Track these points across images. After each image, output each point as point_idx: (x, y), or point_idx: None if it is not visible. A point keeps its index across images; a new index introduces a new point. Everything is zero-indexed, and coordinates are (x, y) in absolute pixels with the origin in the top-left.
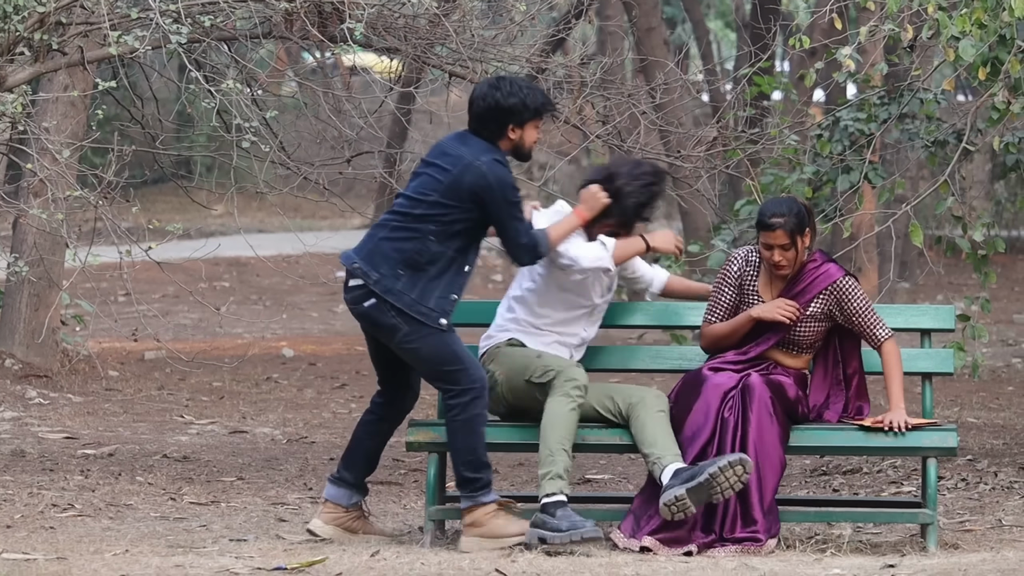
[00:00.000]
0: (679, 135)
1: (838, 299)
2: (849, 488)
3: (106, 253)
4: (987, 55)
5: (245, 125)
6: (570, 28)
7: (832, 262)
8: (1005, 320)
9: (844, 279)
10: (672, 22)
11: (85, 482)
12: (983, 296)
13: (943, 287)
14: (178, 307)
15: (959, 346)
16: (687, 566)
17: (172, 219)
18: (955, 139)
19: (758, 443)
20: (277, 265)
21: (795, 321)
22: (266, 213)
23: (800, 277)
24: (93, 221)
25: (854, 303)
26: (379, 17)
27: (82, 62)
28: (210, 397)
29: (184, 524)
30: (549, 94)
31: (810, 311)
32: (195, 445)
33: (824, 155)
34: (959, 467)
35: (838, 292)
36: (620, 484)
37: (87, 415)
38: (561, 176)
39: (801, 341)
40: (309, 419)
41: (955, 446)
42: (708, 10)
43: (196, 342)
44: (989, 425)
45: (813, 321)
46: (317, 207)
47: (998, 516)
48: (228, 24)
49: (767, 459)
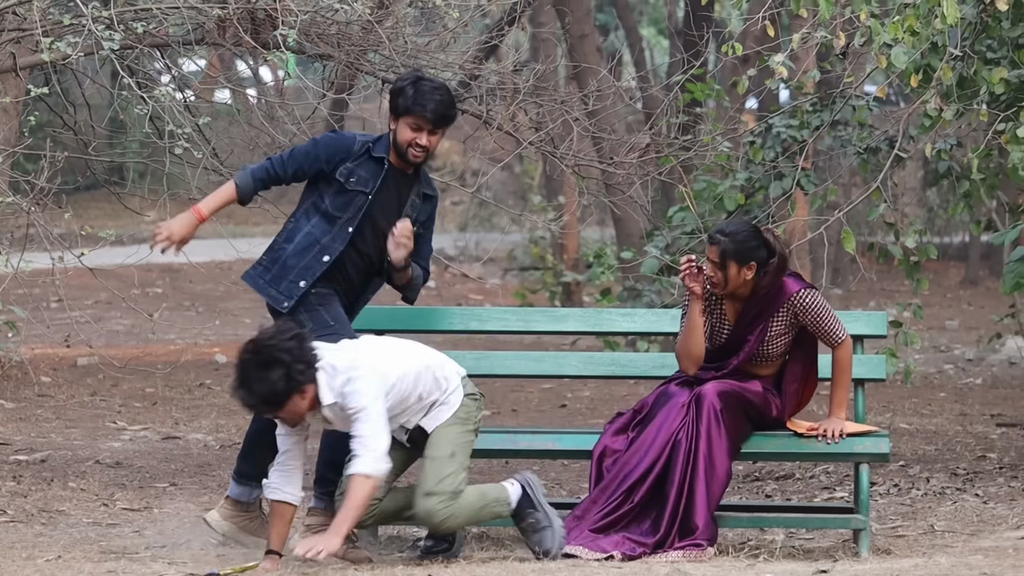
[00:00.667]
0: (612, 142)
1: (795, 312)
2: (782, 494)
3: (38, 259)
4: (919, 62)
5: (178, 131)
6: (503, 35)
7: (791, 276)
8: (937, 327)
9: (800, 293)
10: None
11: (17, 488)
12: (915, 302)
13: (875, 293)
14: (111, 313)
15: (891, 352)
16: (620, 571)
17: (105, 225)
18: (887, 146)
19: (706, 454)
20: (210, 271)
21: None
22: None
23: (757, 296)
24: (25, 227)
25: (810, 313)
26: (312, 24)
27: (14, 68)
28: (143, 403)
29: (117, 530)
30: (483, 101)
31: (773, 330)
32: (128, 451)
33: (757, 162)
34: (891, 473)
35: (794, 305)
36: (553, 490)
37: (19, 421)
38: (494, 183)
39: (769, 355)
40: (242, 425)
41: (887, 452)
42: (641, 17)
43: (129, 348)
44: (921, 431)
45: (777, 337)
46: (250, 213)
47: (930, 521)
48: (161, 31)
49: (713, 470)
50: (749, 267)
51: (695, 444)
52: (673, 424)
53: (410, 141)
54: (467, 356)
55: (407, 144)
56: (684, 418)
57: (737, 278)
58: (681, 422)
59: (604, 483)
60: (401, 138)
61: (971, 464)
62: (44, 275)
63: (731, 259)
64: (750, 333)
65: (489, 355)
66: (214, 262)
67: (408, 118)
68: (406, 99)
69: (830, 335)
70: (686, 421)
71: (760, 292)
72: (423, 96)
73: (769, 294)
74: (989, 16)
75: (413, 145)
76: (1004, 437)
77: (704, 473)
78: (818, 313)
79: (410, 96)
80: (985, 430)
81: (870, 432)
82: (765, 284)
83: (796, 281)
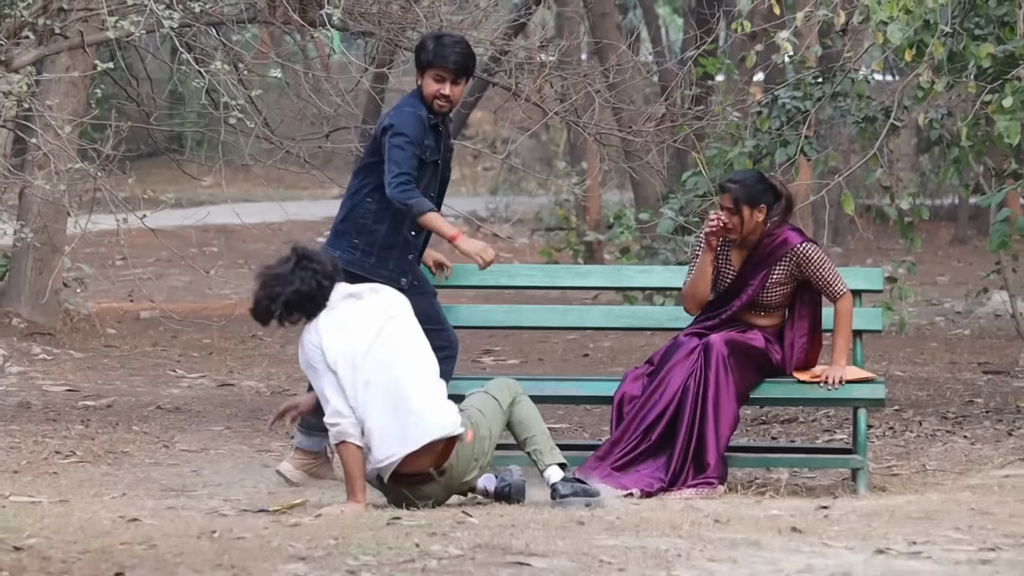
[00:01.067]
0: (631, 112)
1: (797, 263)
2: (786, 436)
3: (104, 221)
4: (913, 38)
5: (232, 103)
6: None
7: (794, 230)
8: (929, 282)
9: (802, 245)
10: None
11: (85, 431)
12: (909, 260)
13: (872, 252)
14: (171, 271)
15: (887, 306)
16: (637, 508)
17: (165, 190)
18: (883, 116)
19: (714, 398)
20: (262, 232)
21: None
22: (252, 184)
23: (762, 244)
24: (93, 191)
25: (812, 265)
26: (355, 3)
27: (82, 45)
28: (200, 353)
29: (176, 470)
30: (512, 75)
31: (774, 277)
32: (186, 397)
33: (764, 130)
34: (887, 417)
35: (797, 257)
36: (576, 432)
37: (87, 370)
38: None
39: (769, 304)
40: (291, 373)
41: (883, 398)
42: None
43: (187, 303)
44: (914, 378)
45: (777, 285)
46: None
47: (922, 461)
48: (216, 10)
49: (722, 413)
50: (760, 209)
51: (703, 389)
52: (684, 370)
53: (435, 93)
54: (497, 309)
55: (432, 96)
56: (693, 365)
57: (750, 220)
58: (690, 369)
59: (623, 425)
60: (427, 91)
61: (960, 408)
62: (110, 235)
63: (744, 203)
64: (753, 278)
65: (518, 308)
66: (265, 223)
67: (432, 71)
68: (427, 53)
69: (831, 287)
70: (695, 368)
71: (768, 239)
72: (444, 49)
73: (774, 244)
74: None
75: (439, 96)
76: (990, 384)
77: (712, 416)
78: (819, 266)
79: (431, 50)
80: (973, 377)
81: (868, 379)
82: (775, 225)
83: (799, 235)
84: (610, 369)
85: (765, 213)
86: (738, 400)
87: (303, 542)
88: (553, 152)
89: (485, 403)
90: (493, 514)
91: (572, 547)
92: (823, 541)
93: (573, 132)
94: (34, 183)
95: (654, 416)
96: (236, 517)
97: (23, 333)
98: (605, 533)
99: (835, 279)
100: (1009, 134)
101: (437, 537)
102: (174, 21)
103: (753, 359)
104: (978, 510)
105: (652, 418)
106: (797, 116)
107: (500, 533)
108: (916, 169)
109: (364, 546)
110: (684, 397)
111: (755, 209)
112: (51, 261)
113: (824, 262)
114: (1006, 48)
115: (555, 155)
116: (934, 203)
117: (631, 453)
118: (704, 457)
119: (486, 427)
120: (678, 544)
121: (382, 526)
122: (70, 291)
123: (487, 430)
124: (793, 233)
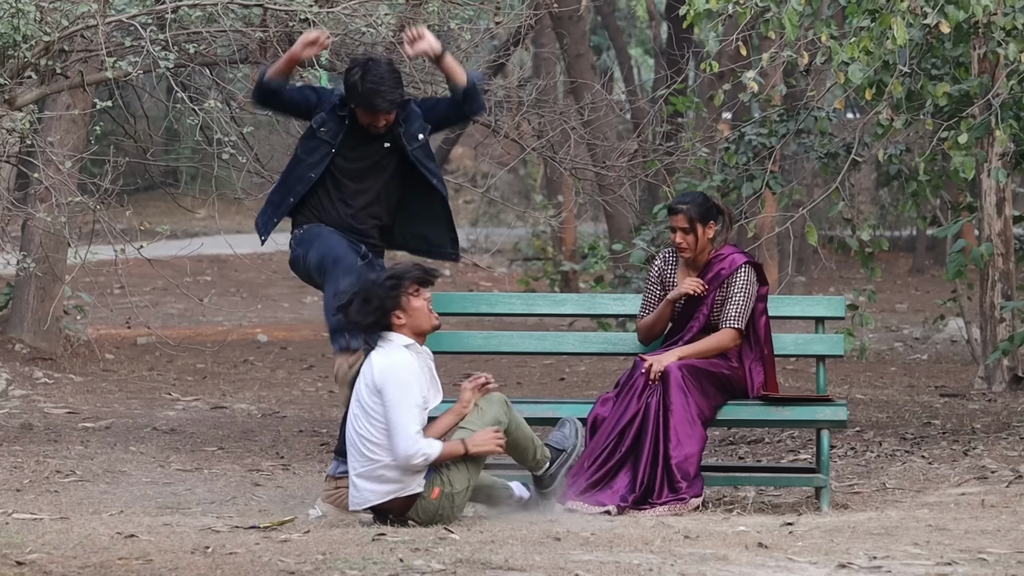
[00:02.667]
0: (604, 148)
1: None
2: (753, 456)
3: (103, 251)
4: (873, 78)
5: (225, 139)
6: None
7: (741, 253)
8: (888, 309)
9: (745, 265)
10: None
11: (85, 451)
12: (869, 288)
13: (835, 280)
14: (166, 299)
15: (849, 332)
16: (611, 524)
17: (161, 222)
18: (845, 151)
19: (676, 420)
20: (253, 261)
21: (704, 295)
22: (243, 216)
23: (710, 266)
24: (92, 224)
25: (736, 284)
26: (342, 44)
27: (82, 84)
28: (194, 377)
29: (172, 488)
30: (491, 112)
31: (719, 298)
32: (181, 419)
33: (731, 165)
34: (849, 437)
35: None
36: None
37: (87, 393)
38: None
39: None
40: (281, 396)
41: (845, 419)
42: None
43: (182, 329)
44: (875, 401)
45: (724, 305)
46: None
47: (882, 480)
48: (210, 51)
49: (685, 432)
50: (710, 226)
51: (665, 412)
52: (643, 390)
53: (368, 124)
54: (478, 335)
55: (367, 125)
56: (654, 385)
57: (703, 237)
58: (651, 388)
59: (592, 444)
60: (360, 120)
61: (918, 430)
62: (108, 265)
63: (697, 220)
64: (704, 304)
65: (497, 335)
66: (256, 253)
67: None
68: (356, 95)
69: (730, 311)
70: (655, 389)
71: (717, 260)
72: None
73: (723, 263)
74: (934, 38)
75: (372, 126)
76: (947, 406)
77: (675, 436)
78: (742, 288)
79: (359, 94)
80: (930, 400)
81: (828, 400)
82: (721, 246)
83: (744, 255)
84: (585, 392)
85: (714, 230)
86: (702, 420)
87: (292, 557)
88: (531, 186)
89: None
90: (474, 530)
91: (549, 562)
92: (788, 556)
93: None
94: (36, 215)
95: (617, 434)
96: (228, 533)
97: (25, 358)
98: (580, 548)
99: (739, 313)
100: (964, 169)
101: (420, 552)
102: (170, 62)
103: (713, 380)
104: (935, 526)
105: (615, 436)
106: (763, 152)
107: (480, 548)
108: (876, 202)
109: (351, 561)
110: (646, 415)
111: (706, 227)
112: (52, 290)
113: (746, 291)
114: (961, 87)
115: (532, 189)
116: (893, 234)
117: (600, 470)
118: (674, 476)
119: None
120: (650, 559)
121: (368, 542)
122: (70, 318)
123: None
124: (740, 255)
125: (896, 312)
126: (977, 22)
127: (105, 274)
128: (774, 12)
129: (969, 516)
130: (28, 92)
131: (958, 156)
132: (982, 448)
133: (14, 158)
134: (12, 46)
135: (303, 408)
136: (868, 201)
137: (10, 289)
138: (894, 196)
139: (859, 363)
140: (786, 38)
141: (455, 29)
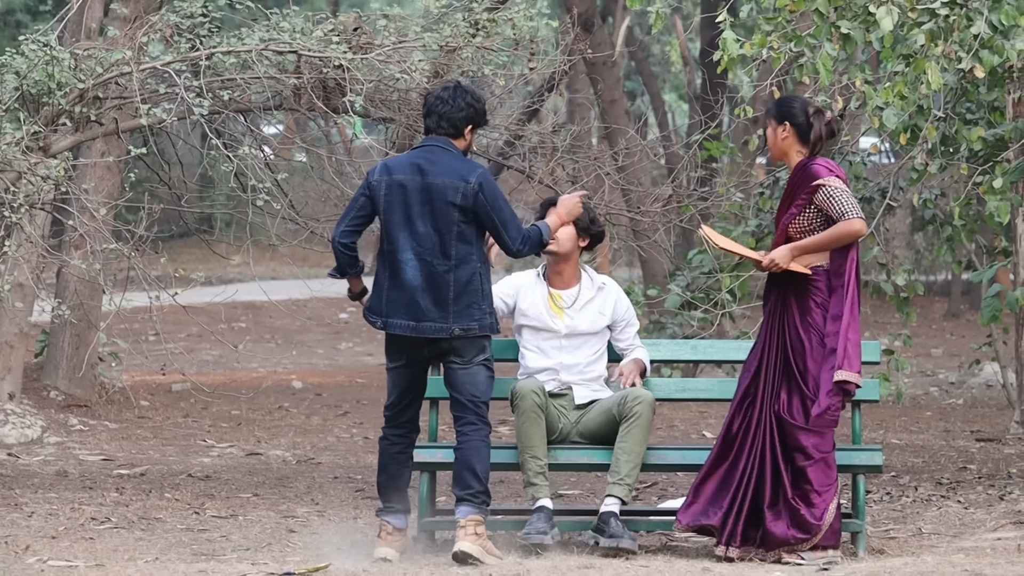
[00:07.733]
0: (639, 193)
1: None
2: None
3: (138, 298)
4: (907, 123)
5: (259, 186)
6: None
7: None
8: (924, 354)
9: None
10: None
11: (120, 498)
12: (905, 333)
13: (870, 325)
14: (201, 345)
15: (885, 377)
16: (640, 563)
17: (195, 268)
18: (880, 196)
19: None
20: (288, 308)
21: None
22: (278, 263)
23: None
24: (127, 270)
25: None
26: (376, 91)
27: (116, 131)
28: (229, 423)
29: (207, 535)
30: (525, 158)
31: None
32: (216, 466)
33: (766, 210)
34: (884, 482)
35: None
36: (588, 499)
37: (121, 440)
38: None
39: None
40: (316, 442)
41: (881, 464)
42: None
43: (217, 375)
44: (910, 446)
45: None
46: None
47: (918, 525)
48: (244, 98)
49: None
50: (783, 126)
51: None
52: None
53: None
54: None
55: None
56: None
57: (773, 136)
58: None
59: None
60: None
61: (954, 474)
62: (143, 312)
63: (770, 116)
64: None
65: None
66: (291, 299)
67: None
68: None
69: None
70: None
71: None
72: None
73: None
74: (968, 82)
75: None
76: (982, 451)
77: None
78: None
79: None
80: (966, 444)
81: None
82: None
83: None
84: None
85: (790, 133)
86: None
87: None
88: None
89: None
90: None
91: None
92: None
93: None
94: (71, 263)
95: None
96: None
97: (61, 405)
98: None
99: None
100: (999, 213)
101: None
102: (204, 108)
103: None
104: (972, 571)
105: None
106: None
107: None
108: (911, 247)
109: None
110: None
111: (779, 126)
112: (87, 337)
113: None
114: (996, 132)
115: None
116: (928, 279)
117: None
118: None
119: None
120: None
121: None
122: (105, 365)
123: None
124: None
125: (931, 357)
126: (1012, 66)
127: (140, 321)
128: (808, 57)
129: (1005, 561)
130: (63, 139)
131: (993, 200)
132: (1018, 493)
133: (49, 205)
134: (47, 93)
135: (338, 454)
136: (903, 246)
137: (45, 336)
138: (929, 241)
139: (895, 408)
140: (820, 83)
141: (488, 75)
